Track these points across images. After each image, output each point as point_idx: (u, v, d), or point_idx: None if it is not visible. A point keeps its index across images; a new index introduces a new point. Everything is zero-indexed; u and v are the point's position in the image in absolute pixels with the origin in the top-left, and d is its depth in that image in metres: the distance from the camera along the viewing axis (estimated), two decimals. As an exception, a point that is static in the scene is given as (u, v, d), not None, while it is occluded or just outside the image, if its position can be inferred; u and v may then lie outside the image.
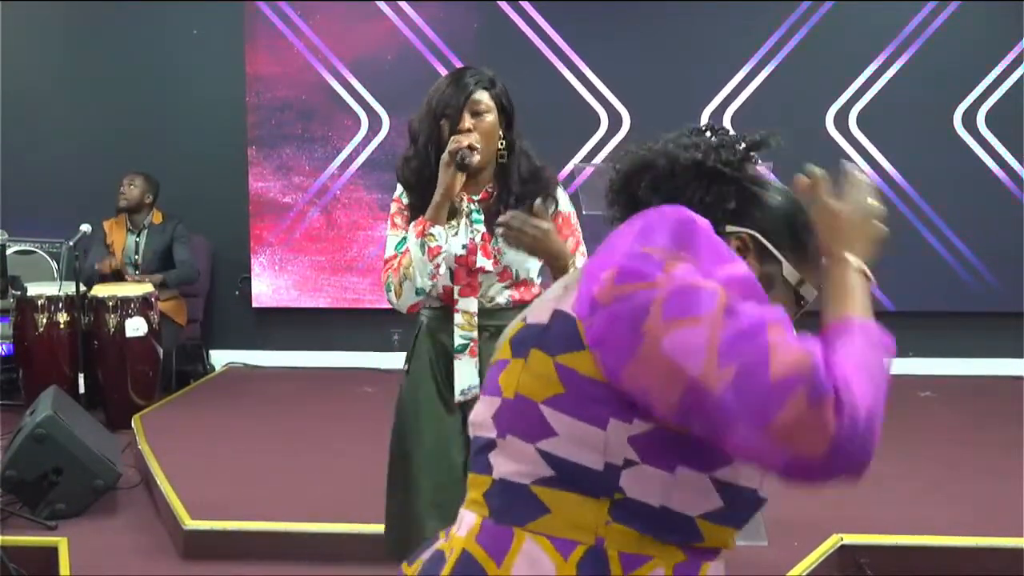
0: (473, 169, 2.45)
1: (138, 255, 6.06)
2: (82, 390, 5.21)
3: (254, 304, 6.90)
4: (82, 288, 5.51)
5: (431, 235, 2.42)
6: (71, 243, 5.56)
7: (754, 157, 1.34)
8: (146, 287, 5.63)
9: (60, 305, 5.46)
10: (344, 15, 6.75)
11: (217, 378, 6.65)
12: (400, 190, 2.59)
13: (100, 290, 5.51)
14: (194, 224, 6.35)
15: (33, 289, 5.55)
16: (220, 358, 6.91)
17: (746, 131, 1.36)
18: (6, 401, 5.69)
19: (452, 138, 2.43)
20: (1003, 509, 3.80)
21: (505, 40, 6.60)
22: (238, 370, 6.81)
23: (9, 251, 5.86)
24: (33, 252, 6.46)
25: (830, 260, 1.27)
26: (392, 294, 2.49)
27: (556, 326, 1.20)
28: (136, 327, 5.42)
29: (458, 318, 2.50)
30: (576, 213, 2.61)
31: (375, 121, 6.76)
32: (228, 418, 5.57)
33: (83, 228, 5.47)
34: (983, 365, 6.45)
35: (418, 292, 2.46)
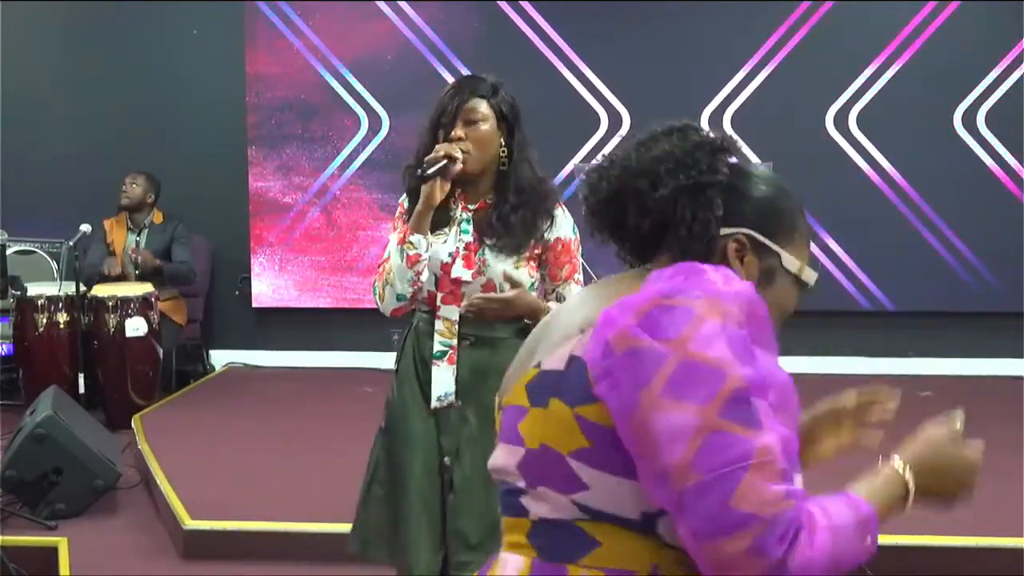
0: (454, 178, 2.43)
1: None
2: (82, 390, 5.21)
3: (254, 304, 6.90)
4: (82, 288, 5.52)
5: (410, 243, 2.44)
6: (71, 243, 5.57)
7: (727, 148, 1.31)
8: (146, 287, 5.64)
9: (60, 305, 5.46)
10: (344, 15, 6.74)
11: (217, 378, 6.65)
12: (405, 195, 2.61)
13: (100, 290, 5.51)
14: (194, 224, 6.35)
15: (33, 289, 5.56)
16: (220, 358, 6.91)
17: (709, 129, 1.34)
18: (6, 401, 5.69)
19: (436, 147, 2.44)
20: (1003, 509, 3.79)
21: (505, 40, 6.59)
22: (238, 370, 6.81)
23: (9, 251, 5.86)
24: (33, 252, 6.46)
25: (902, 459, 1.24)
26: (377, 297, 2.54)
27: (572, 374, 1.19)
28: (136, 327, 5.42)
29: (439, 325, 2.51)
30: (577, 241, 2.56)
31: (375, 121, 6.75)
32: (228, 418, 5.57)
33: (83, 228, 5.48)
34: (983, 365, 6.44)
35: (399, 298, 2.49)
